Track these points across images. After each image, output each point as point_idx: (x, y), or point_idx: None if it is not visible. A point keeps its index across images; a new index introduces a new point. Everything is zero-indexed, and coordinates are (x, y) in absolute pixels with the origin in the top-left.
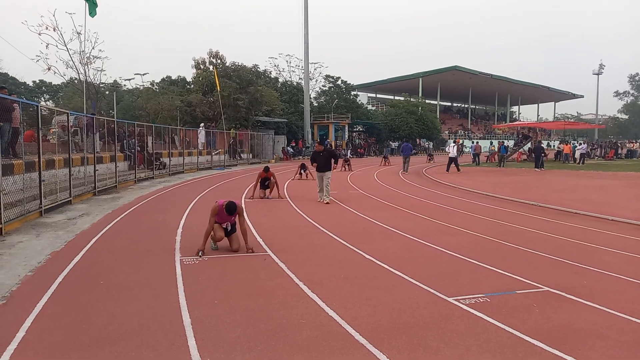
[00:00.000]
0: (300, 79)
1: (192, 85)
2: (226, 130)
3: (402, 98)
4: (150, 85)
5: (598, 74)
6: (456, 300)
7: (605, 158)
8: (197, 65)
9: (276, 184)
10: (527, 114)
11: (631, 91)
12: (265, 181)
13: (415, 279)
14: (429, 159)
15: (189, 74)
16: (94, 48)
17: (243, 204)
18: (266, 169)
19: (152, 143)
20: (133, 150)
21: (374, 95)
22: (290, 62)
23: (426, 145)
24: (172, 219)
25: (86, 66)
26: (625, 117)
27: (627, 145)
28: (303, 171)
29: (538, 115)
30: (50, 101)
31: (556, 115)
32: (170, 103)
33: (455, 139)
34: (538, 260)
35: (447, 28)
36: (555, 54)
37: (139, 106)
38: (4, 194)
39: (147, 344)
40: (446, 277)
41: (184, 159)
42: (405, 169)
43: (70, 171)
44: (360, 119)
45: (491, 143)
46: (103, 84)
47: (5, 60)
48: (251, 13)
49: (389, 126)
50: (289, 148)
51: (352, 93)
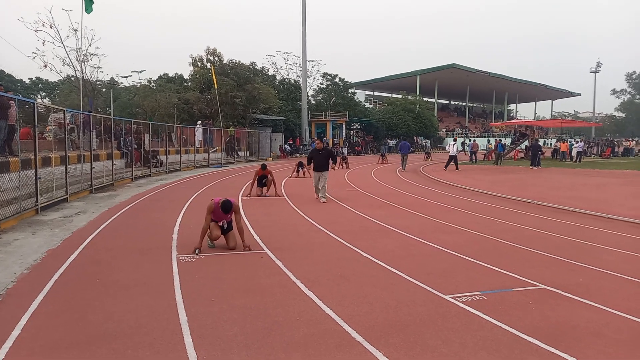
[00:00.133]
0: (297, 76)
1: (190, 83)
2: (224, 127)
3: (400, 96)
4: (147, 83)
5: (595, 72)
6: (453, 297)
7: (602, 156)
8: (195, 63)
9: (273, 181)
10: (525, 112)
11: (628, 89)
12: (263, 179)
13: (412, 277)
14: (427, 157)
15: (186, 72)
16: (90, 45)
17: (240, 201)
18: (263, 167)
19: (149, 141)
20: (130, 148)
21: (371, 93)
22: (287, 60)
23: (423, 143)
24: (169, 217)
25: (83, 63)
26: (622, 115)
27: (624, 143)
28: (300, 169)
29: (535, 113)
30: (47, 98)
31: (553, 113)
32: (167, 101)
33: (454, 137)
34: (535, 258)
35: (446, 26)
36: (553, 52)
37: (136, 104)
38: (0, 191)
39: (144, 341)
40: (443, 275)
41: (181, 156)
42: (403, 166)
43: (66, 169)
44: (357, 116)
45: (488, 141)
46: (100, 81)
47: (1, 58)
48: (249, 11)
49: (387, 124)
50: (286, 146)
51: (350, 91)
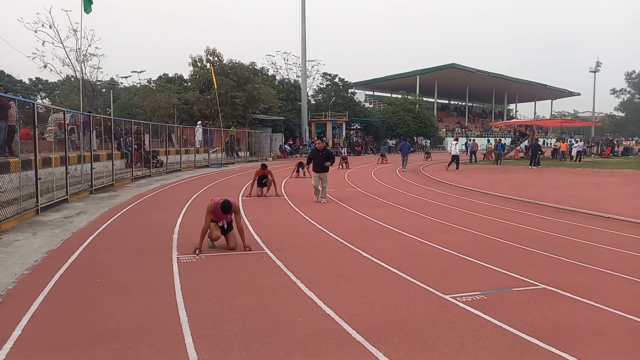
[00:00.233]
0: (297, 76)
1: (189, 83)
2: (224, 128)
3: (400, 96)
4: (147, 83)
5: (595, 72)
6: (453, 297)
7: (601, 156)
8: (194, 63)
9: (274, 182)
10: (524, 111)
11: (628, 89)
12: (263, 179)
13: (413, 277)
14: (426, 157)
15: (186, 72)
16: (90, 45)
17: (240, 202)
18: (264, 166)
19: (149, 141)
20: (130, 148)
21: (371, 93)
22: (287, 60)
23: (423, 143)
24: (169, 217)
25: (83, 64)
26: (622, 115)
27: (624, 142)
28: (300, 169)
29: (535, 113)
30: (47, 99)
31: (553, 113)
32: (167, 101)
33: (455, 137)
34: (535, 258)
35: (446, 26)
36: (553, 52)
37: (135, 104)
38: (0, 192)
39: (144, 342)
40: (443, 275)
41: (181, 157)
42: (403, 166)
43: (67, 169)
44: (357, 116)
45: (488, 141)
46: (100, 81)
47: (1, 58)
48: (248, 10)
49: (387, 124)
50: (286, 146)
51: (350, 91)
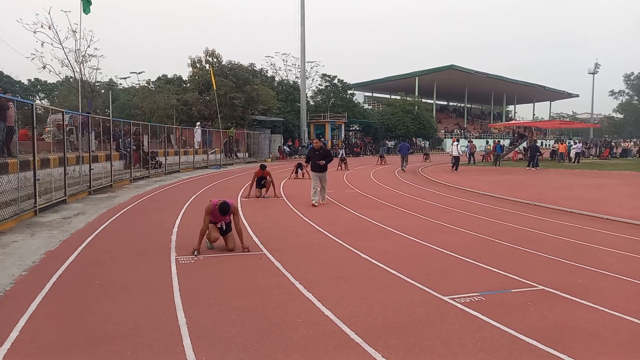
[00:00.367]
0: (296, 77)
1: (188, 84)
2: (223, 129)
3: (399, 97)
4: (146, 84)
5: (593, 73)
6: (451, 299)
7: (600, 157)
8: (193, 64)
9: (272, 183)
10: (523, 113)
11: (626, 90)
12: (262, 180)
13: (411, 278)
14: (425, 158)
15: (185, 73)
16: (89, 46)
17: (239, 203)
18: (262, 167)
19: (148, 142)
20: (129, 149)
21: (370, 94)
22: (286, 61)
23: (422, 145)
24: (168, 218)
25: (82, 64)
26: (620, 117)
27: (622, 144)
28: (299, 170)
29: (534, 115)
30: (46, 100)
31: (552, 114)
32: (166, 102)
33: (452, 138)
34: (533, 259)
35: (446, 26)
36: (553, 52)
37: (134, 105)
38: None
39: (143, 343)
40: (442, 276)
41: (179, 158)
42: (402, 167)
43: (65, 170)
44: (356, 118)
45: (487, 142)
46: (99, 82)
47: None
48: (248, 10)
49: (386, 125)
50: (285, 147)
51: (349, 92)
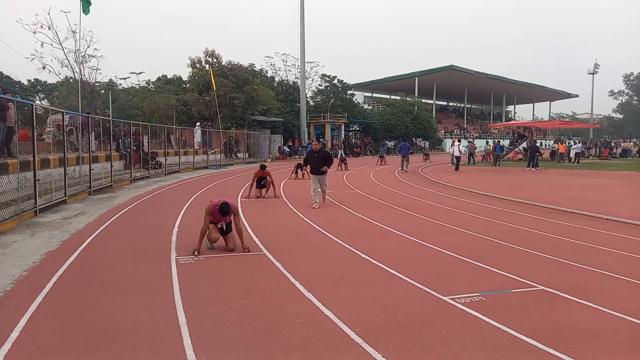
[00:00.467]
0: (296, 78)
1: (188, 84)
2: (223, 129)
3: (399, 97)
4: (146, 85)
5: (593, 74)
6: (452, 299)
7: (600, 157)
8: (193, 64)
9: (272, 183)
10: (523, 113)
11: (626, 91)
12: (262, 180)
13: (411, 278)
14: (425, 159)
15: (185, 73)
16: (89, 47)
17: (239, 203)
18: (262, 167)
19: (148, 142)
20: (129, 150)
21: (370, 94)
22: (286, 62)
23: (422, 145)
24: (168, 219)
25: (81, 65)
26: (620, 117)
27: (622, 144)
28: (299, 170)
29: (533, 115)
30: (45, 100)
31: (551, 114)
32: (166, 102)
33: (452, 138)
34: (533, 259)
35: (445, 26)
36: (552, 52)
37: (134, 105)
38: None
39: (143, 343)
40: (442, 276)
41: (179, 158)
42: (402, 167)
43: (65, 170)
44: (356, 118)
45: (487, 142)
46: (98, 82)
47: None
48: (248, 10)
49: (385, 125)
50: (285, 147)
51: (349, 92)
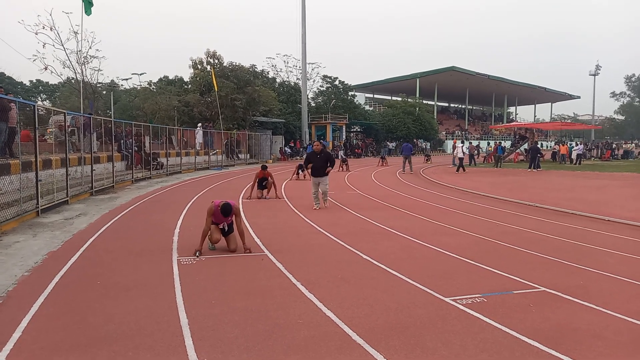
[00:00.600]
0: (297, 79)
1: (190, 85)
2: (225, 130)
3: (400, 98)
4: (147, 85)
5: (594, 75)
6: (453, 300)
7: (601, 159)
8: (195, 65)
9: (274, 184)
10: (524, 114)
11: (627, 92)
12: (263, 181)
13: (413, 279)
14: (427, 160)
15: (187, 74)
16: (91, 48)
17: (241, 204)
18: (264, 167)
19: (150, 143)
20: (130, 150)
21: (371, 95)
22: (287, 63)
23: (423, 146)
24: (170, 219)
25: (83, 66)
26: (622, 118)
27: (624, 146)
28: (301, 171)
29: (535, 116)
30: (47, 101)
31: (553, 116)
32: (167, 103)
33: (461, 139)
34: (535, 261)
35: (446, 26)
36: (553, 52)
37: (136, 106)
38: (1, 193)
39: (145, 344)
40: (443, 277)
41: (181, 159)
42: (403, 169)
43: (67, 171)
44: (357, 119)
45: (488, 144)
46: (100, 83)
47: (1, 60)
48: (249, 11)
49: (387, 127)
50: (286, 148)
51: (350, 93)
